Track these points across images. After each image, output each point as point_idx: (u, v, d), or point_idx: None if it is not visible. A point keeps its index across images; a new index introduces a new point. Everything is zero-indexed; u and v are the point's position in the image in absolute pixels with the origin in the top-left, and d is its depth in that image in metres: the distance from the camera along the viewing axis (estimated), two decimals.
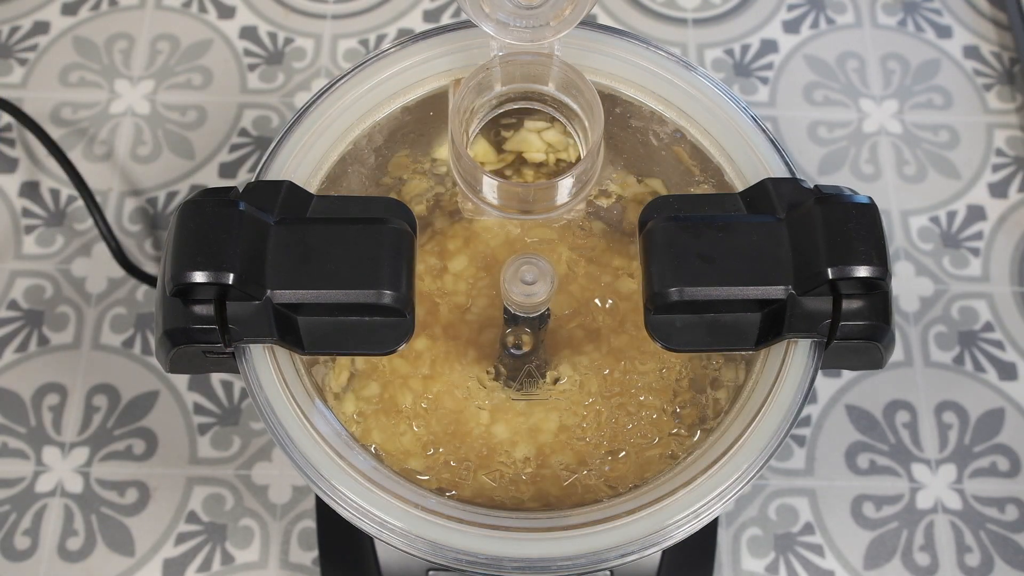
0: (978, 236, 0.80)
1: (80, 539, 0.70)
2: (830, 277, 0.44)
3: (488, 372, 0.58)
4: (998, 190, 0.82)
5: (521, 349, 0.54)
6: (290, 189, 0.48)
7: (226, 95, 0.85)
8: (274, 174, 0.51)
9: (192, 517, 0.71)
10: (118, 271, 0.78)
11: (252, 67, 0.86)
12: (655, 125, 0.55)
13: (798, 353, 0.47)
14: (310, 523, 0.71)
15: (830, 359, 0.48)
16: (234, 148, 0.83)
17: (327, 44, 0.88)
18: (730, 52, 0.88)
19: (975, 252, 0.80)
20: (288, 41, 0.88)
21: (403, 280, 0.45)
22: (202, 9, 0.89)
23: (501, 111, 0.52)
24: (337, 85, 0.53)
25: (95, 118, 0.84)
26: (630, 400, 0.57)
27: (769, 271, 0.45)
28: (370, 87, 0.53)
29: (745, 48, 0.88)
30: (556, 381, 0.57)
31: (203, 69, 0.86)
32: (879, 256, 0.45)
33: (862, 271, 0.44)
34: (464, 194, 0.52)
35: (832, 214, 0.45)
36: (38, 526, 0.70)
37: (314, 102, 0.53)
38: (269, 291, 0.44)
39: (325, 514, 0.67)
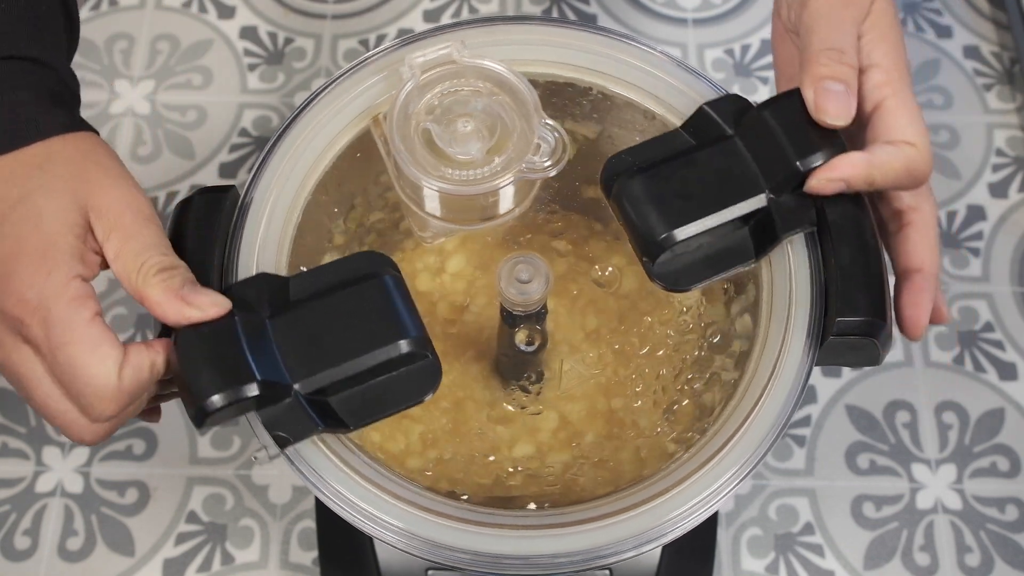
0: (978, 236, 0.80)
1: (80, 539, 0.70)
2: (803, 170, 0.46)
3: (488, 371, 0.58)
4: (998, 190, 0.82)
5: (533, 345, 0.53)
6: (265, 280, 0.46)
7: (226, 95, 0.85)
8: (271, 174, 0.51)
9: (192, 517, 0.71)
10: None
11: (252, 67, 0.86)
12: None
13: (793, 349, 0.47)
14: (310, 523, 0.71)
15: (827, 355, 0.48)
16: (234, 148, 0.83)
17: (327, 44, 0.88)
18: (730, 52, 0.88)
19: (975, 252, 0.80)
20: (288, 41, 0.88)
21: (412, 323, 0.44)
22: (202, 9, 0.89)
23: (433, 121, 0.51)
24: (336, 84, 0.53)
25: (95, 118, 0.84)
26: (628, 397, 0.57)
27: (743, 186, 0.47)
28: (368, 86, 0.53)
29: (745, 48, 0.88)
30: (555, 379, 0.57)
31: (203, 69, 0.86)
32: (837, 136, 0.47)
33: (828, 154, 0.47)
34: (416, 216, 0.52)
35: (781, 114, 0.48)
36: (38, 526, 0.70)
37: (311, 102, 0.53)
38: (294, 385, 0.43)
39: (325, 514, 0.67)
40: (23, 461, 0.72)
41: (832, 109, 0.47)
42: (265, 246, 0.50)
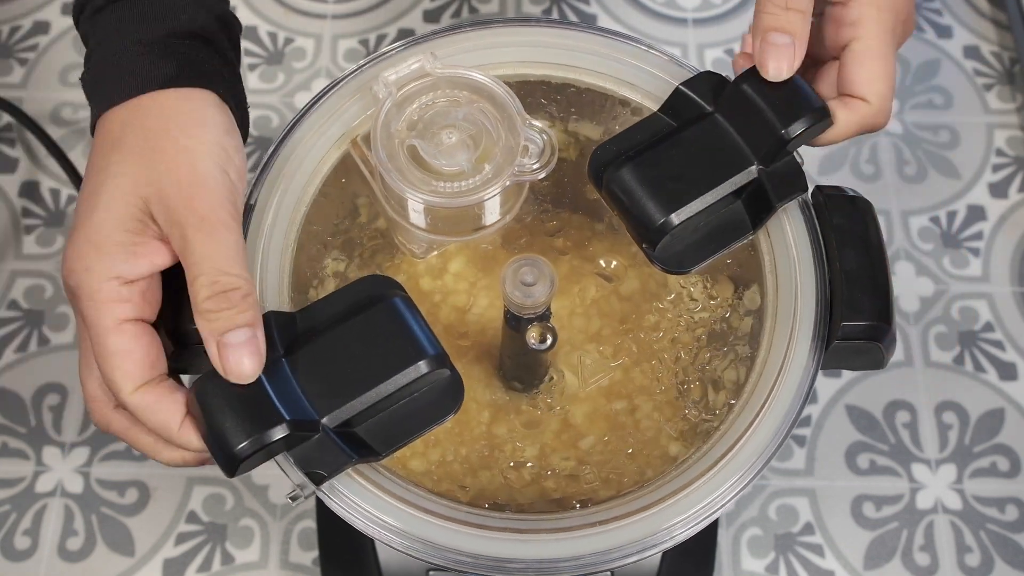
0: (978, 236, 0.80)
1: (80, 539, 0.70)
2: (789, 138, 0.47)
3: (489, 372, 0.58)
4: (998, 190, 0.82)
5: (545, 342, 0.53)
6: (274, 317, 0.45)
7: None
8: (274, 174, 0.51)
9: (192, 517, 0.71)
10: None
11: (252, 67, 0.86)
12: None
13: (798, 353, 0.48)
14: (310, 523, 0.71)
15: (831, 359, 0.48)
16: None
17: (327, 44, 0.88)
18: (730, 52, 0.88)
19: (975, 252, 0.80)
20: (288, 41, 0.88)
21: (428, 342, 0.44)
22: None
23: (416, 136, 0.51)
24: (338, 86, 0.53)
25: None
26: (632, 402, 0.57)
27: (732, 161, 0.47)
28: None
29: None
30: (558, 382, 0.57)
31: None
32: (816, 98, 0.48)
33: (811, 118, 0.47)
34: (408, 233, 0.51)
35: (758, 84, 0.48)
36: (38, 526, 0.70)
37: (314, 103, 0.53)
38: (321, 420, 0.43)
39: (325, 514, 0.67)
40: (23, 461, 0.72)
41: (771, 66, 0.47)
42: (268, 246, 0.50)
